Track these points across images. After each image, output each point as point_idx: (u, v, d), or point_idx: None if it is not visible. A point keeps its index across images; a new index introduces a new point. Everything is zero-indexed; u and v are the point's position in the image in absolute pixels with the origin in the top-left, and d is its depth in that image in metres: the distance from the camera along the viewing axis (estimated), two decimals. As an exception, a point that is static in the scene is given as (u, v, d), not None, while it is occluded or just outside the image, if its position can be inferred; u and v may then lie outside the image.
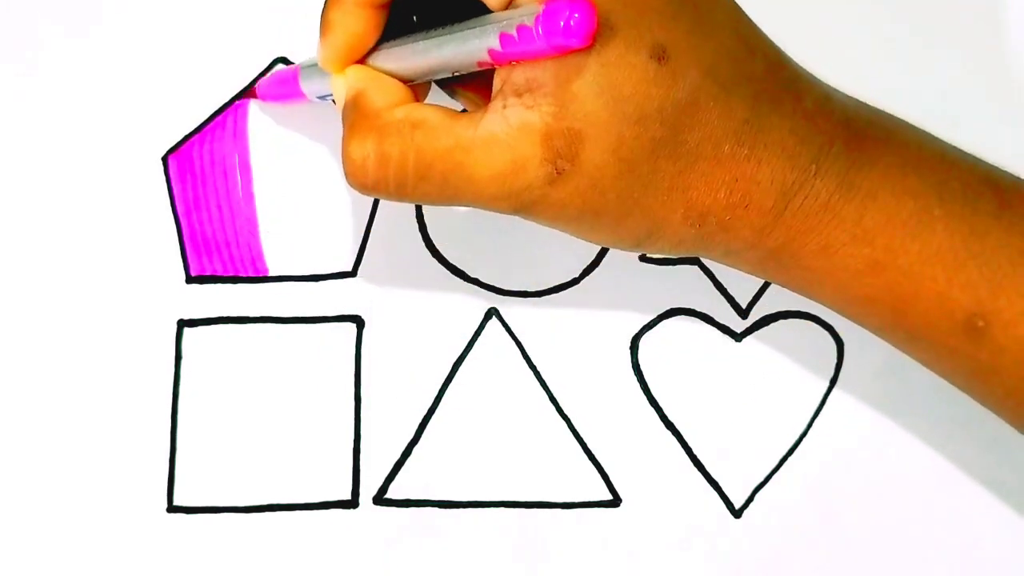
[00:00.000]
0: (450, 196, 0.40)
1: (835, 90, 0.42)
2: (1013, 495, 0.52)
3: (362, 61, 0.42)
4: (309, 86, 0.47)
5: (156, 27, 0.53)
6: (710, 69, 0.38)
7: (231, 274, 0.52)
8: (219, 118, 0.52)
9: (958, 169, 0.42)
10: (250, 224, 0.52)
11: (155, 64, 0.52)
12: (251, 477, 0.51)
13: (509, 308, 0.52)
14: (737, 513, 0.52)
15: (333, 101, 0.44)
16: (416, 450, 0.51)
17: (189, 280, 0.52)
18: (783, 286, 0.43)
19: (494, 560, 0.51)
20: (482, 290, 0.52)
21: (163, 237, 0.52)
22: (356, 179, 0.40)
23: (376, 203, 0.52)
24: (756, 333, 0.52)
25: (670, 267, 0.52)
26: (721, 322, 0.52)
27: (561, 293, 0.52)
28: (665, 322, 0.52)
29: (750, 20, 0.41)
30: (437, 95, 0.44)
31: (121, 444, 0.51)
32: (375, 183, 0.40)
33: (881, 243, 0.40)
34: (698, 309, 0.52)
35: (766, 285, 0.53)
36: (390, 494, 0.51)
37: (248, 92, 0.52)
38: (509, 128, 0.38)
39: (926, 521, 0.51)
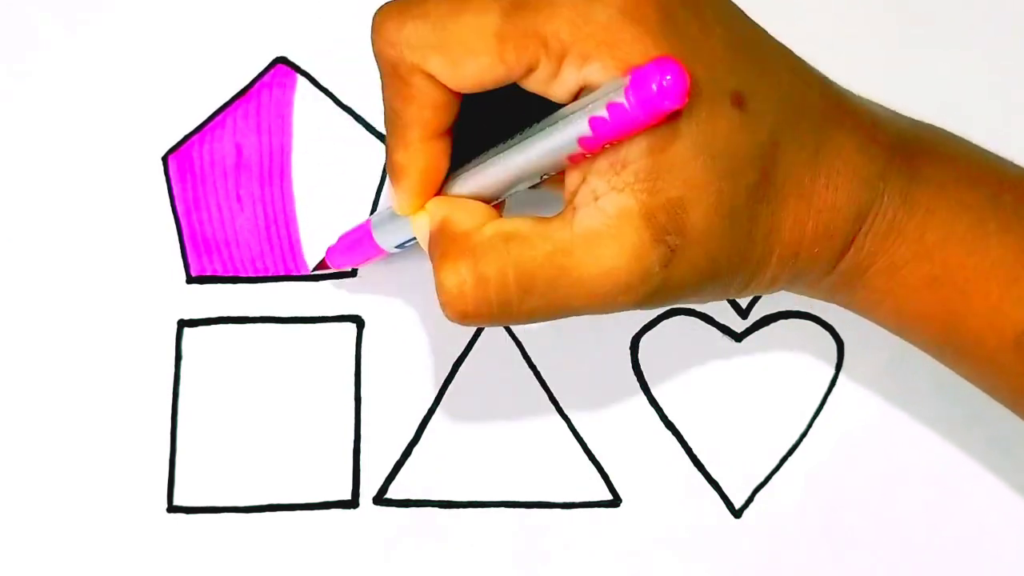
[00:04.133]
0: (561, 305, 0.38)
1: (877, 104, 0.42)
2: (1013, 495, 0.52)
3: (438, 194, 0.40)
4: (385, 238, 0.45)
5: (156, 27, 0.53)
6: (780, 106, 0.38)
7: (231, 274, 0.52)
8: (219, 118, 0.52)
9: (1009, 182, 0.42)
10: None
11: (155, 64, 0.52)
12: (251, 477, 0.51)
13: (509, 308, 0.52)
14: (737, 513, 0.52)
15: (418, 246, 0.42)
16: (416, 450, 0.51)
17: (189, 280, 0.52)
18: (846, 308, 0.44)
19: (494, 560, 0.51)
20: (482, 290, 0.52)
21: (163, 237, 0.52)
22: (455, 309, 0.38)
23: (376, 203, 0.52)
24: (756, 333, 0.52)
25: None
26: (721, 322, 0.52)
27: (561, 293, 0.52)
28: (665, 322, 0.52)
29: (795, 53, 0.41)
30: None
31: (121, 444, 0.51)
32: (476, 308, 0.37)
33: (939, 259, 0.40)
34: (698, 309, 0.52)
35: (766, 285, 0.53)
36: (390, 494, 0.51)
37: (320, 264, 0.51)
38: (607, 218, 0.36)
39: (927, 521, 0.51)
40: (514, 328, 0.52)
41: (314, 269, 0.51)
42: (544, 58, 0.36)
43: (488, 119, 0.39)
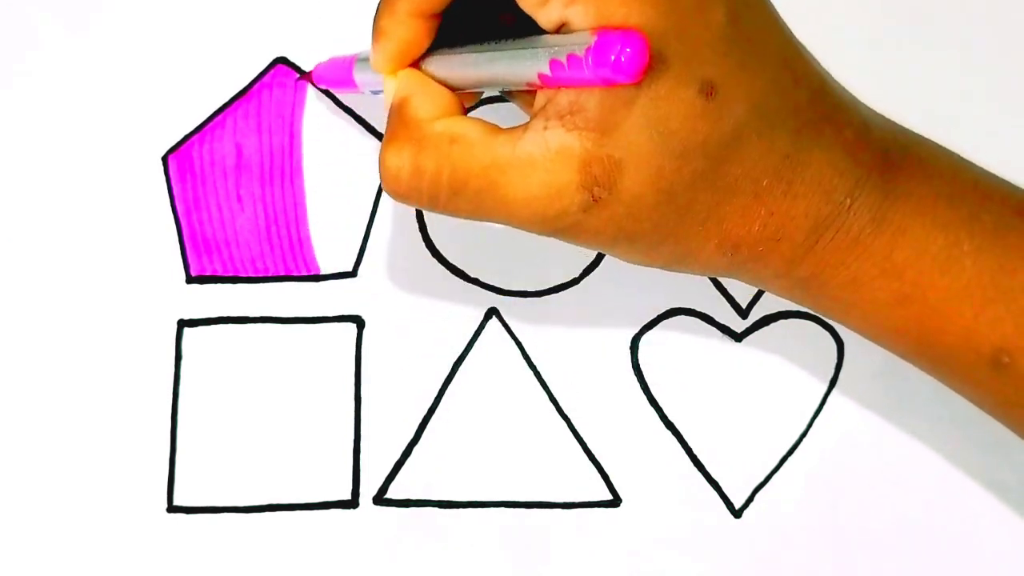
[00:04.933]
0: (482, 214, 0.39)
1: (873, 112, 0.42)
2: (1013, 496, 0.52)
3: (415, 65, 0.42)
4: (363, 79, 0.46)
5: (156, 27, 0.53)
6: (757, 104, 0.38)
7: (231, 274, 0.52)
8: (219, 118, 0.52)
9: (990, 200, 0.41)
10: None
11: (155, 64, 0.52)
12: (251, 477, 0.51)
13: (509, 308, 0.52)
14: (737, 513, 0.52)
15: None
16: (416, 450, 0.51)
17: (189, 280, 0.52)
18: (811, 310, 0.43)
19: (494, 560, 0.51)
20: (482, 290, 0.52)
21: (163, 237, 0.52)
22: (389, 186, 0.40)
23: (376, 203, 0.52)
24: (756, 333, 0.52)
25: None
26: (721, 322, 0.52)
27: (561, 293, 0.52)
28: (665, 322, 0.52)
29: (798, 45, 0.40)
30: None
31: (121, 444, 0.51)
32: (407, 192, 0.40)
33: (910, 277, 0.40)
34: (698, 309, 0.52)
35: (766, 285, 0.53)
36: (390, 494, 0.51)
37: (304, 75, 0.52)
38: (547, 151, 0.38)
39: (926, 521, 0.51)
40: (514, 328, 0.52)
41: (298, 79, 0.52)
42: None
43: (483, 15, 0.41)
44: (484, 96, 0.46)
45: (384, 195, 0.52)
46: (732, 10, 0.38)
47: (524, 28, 0.38)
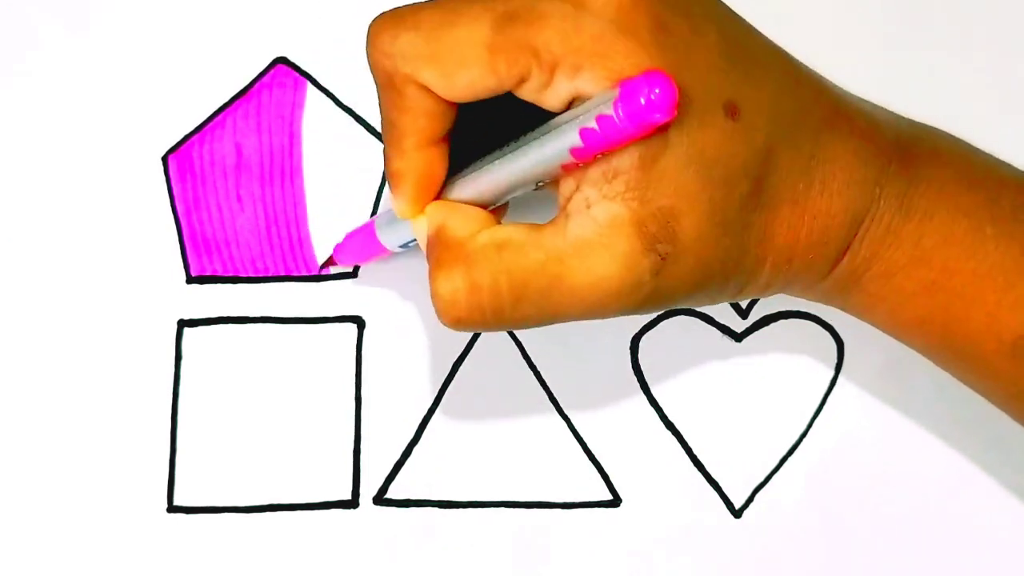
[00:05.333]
0: (554, 312, 0.38)
1: (876, 106, 0.42)
2: (1014, 495, 0.52)
3: (438, 198, 0.41)
4: (388, 238, 0.45)
5: (156, 27, 0.53)
6: (775, 112, 0.38)
7: (231, 274, 0.52)
8: (219, 118, 0.52)
9: (1006, 186, 0.42)
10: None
11: (155, 64, 0.52)
12: (251, 477, 0.51)
13: (509, 308, 0.52)
14: (737, 513, 0.52)
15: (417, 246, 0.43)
16: (416, 450, 0.51)
17: (189, 280, 0.52)
18: (839, 309, 0.44)
19: (494, 560, 0.51)
20: (482, 290, 0.52)
21: (163, 237, 0.52)
22: (449, 315, 0.38)
23: (377, 203, 0.52)
24: (756, 333, 0.52)
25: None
26: (721, 322, 0.52)
27: (561, 293, 0.52)
28: (665, 322, 0.52)
29: (788, 53, 0.40)
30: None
31: (121, 444, 0.51)
32: (470, 315, 0.38)
33: (938, 263, 0.40)
34: (698, 309, 0.52)
35: (766, 285, 0.53)
36: (390, 494, 0.51)
37: (327, 262, 0.51)
38: (599, 227, 0.36)
39: (926, 521, 0.51)
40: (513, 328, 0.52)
41: (322, 266, 0.51)
42: (536, 69, 0.36)
43: (487, 124, 0.39)
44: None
45: (384, 195, 0.52)
46: (721, 29, 0.38)
47: (532, 122, 0.38)
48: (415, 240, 0.43)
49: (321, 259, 0.52)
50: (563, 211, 0.37)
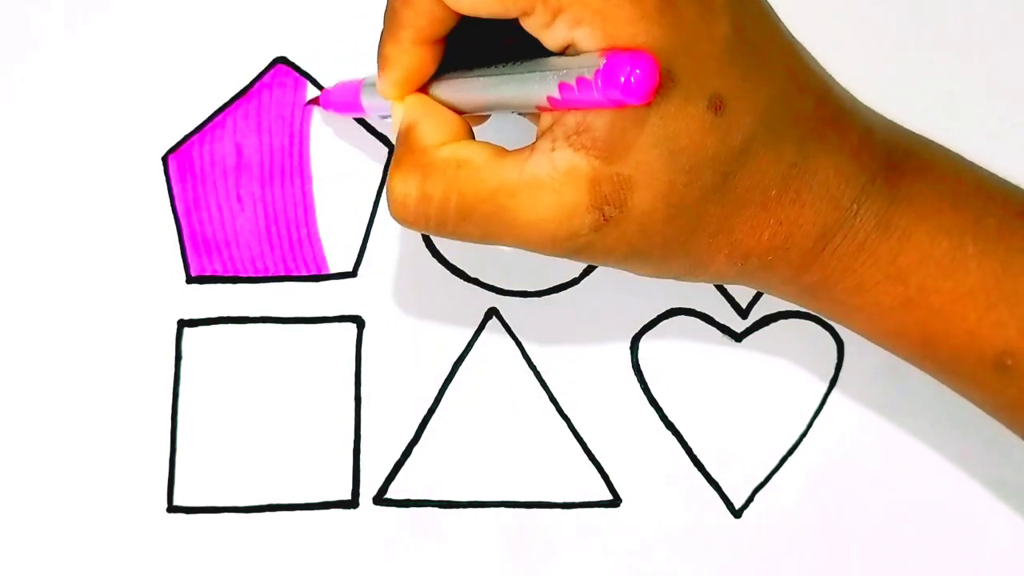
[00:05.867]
0: (492, 238, 0.39)
1: (877, 115, 0.42)
2: (1013, 495, 0.52)
3: (423, 89, 0.41)
4: (370, 103, 0.46)
5: (156, 27, 0.52)
6: (763, 115, 0.38)
7: (231, 274, 0.52)
8: (219, 118, 0.52)
9: (994, 203, 0.41)
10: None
11: (155, 64, 0.52)
12: (251, 477, 0.51)
13: (509, 308, 0.52)
14: (737, 513, 0.52)
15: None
16: (416, 450, 0.51)
17: (189, 280, 0.52)
18: (816, 313, 0.44)
19: (494, 560, 0.51)
20: (482, 290, 0.52)
21: (163, 237, 0.52)
22: (397, 213, 0.40)
23: (376, 203, 0.52)
24: (756, 333, 0.52)
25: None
26: (721, 322, 0.52)
27: (561, 293, 0.52)
28: (665, 322, 0.52)
29: (801, 50, 0.40)
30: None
31: (121, 444, 0.51)
32: (415, 219, 0.39)
33: (914, 282, 0.40)
34: (698, 309, 0.52)
35: (766, 285, 0.53)
36: (390, 494, 0.51)
37: (313, 100, 0.51)
38: (555, 172, 0.37)
39: (926, 521, 0.51)
40: (514, 328, 0.52)
41: (307, 103, 0.52)
42: (540, 7, 0.37)
43: (488, 36, 0.40)
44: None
45: (385, 194, 0.52)
46: (736, 20, 0.37)
47: (529, 50, 0.38)
48: (390, 116, 0.44)
49: (330, 258, 0.52)
50: (532, 145, 0.38)
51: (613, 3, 0.36)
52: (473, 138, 0.41)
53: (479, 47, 0.40)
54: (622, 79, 0.34)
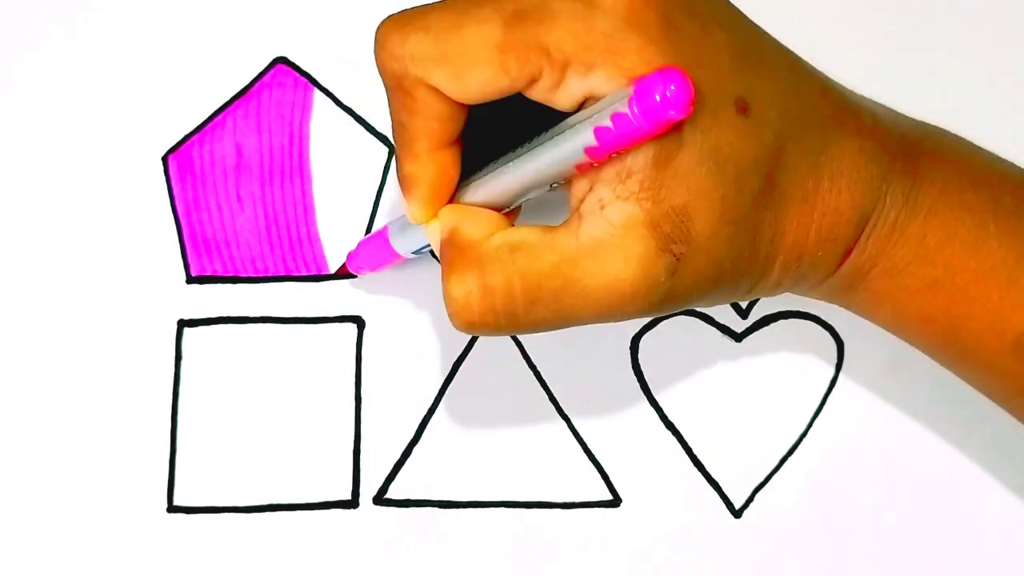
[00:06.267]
0: (567, 315, 0.38)
1: (879, 105, 0.42)
2: (1014, 495, 0.52)
3: (451, 201, 0.41)
4: (402, 244, 0.45)
5: (156, 27, 0.53)
6: (784, 110, 0.38)
7: (231, 274, 0.52)
8: (219, 118, 0.52)
9: (1009, 183, 0.42)
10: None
11: (155, 64, 0.52)
12: (251, 477, 0.51)
13: (509, 308, 0.52)
14: (737, 513, 0.52)
15: (432, 253, 0.42)
16: (416, 450, 0.51)
17: (189, 280, 0.52)
18: (843, 307, 0.44)
19: (494, 560, 0.51)
20: (482, 290, 0.52)
21: (163, 237, 0.52)
22: (461, 318, 0.38)
23: (376, 203, 0.52)
24: (756, 333, 0.52)
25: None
26: (721, 322, 0.52)
27: (561, 293, 0.52)
28: (665, 322, 0.52)
29: (794, 53, 0.40)
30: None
31: (121, 444, 0.51)
32: (482, 318, 0.38)
33: (941, 261, 0.40)
34: (698, 309, 0.52)
35: (766, 285, 0.53)
36: (390, 494, 0.51)
37: (341, 268, 0.51)
38: (612, 228, 0.36)
39: (926, 521, 0.51)
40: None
41: (335, 274, 0.51)
42: (547, 68, 0.36)
43: (499, 125, 0.39)
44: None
45: (384, 194, 0.52)
46: (730, 28, 0.38)
47: (544, 122, 0.37)
48: (428, 246, 0.43)
49: (330, 258, 0.52)
50: (576, 213, 0.37)
51: (618, 38, 0.36)
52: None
53: (494, 142, 0.39)
54: (657, 97, 0.34)
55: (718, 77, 0.37)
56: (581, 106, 0.37)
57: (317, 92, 0.52)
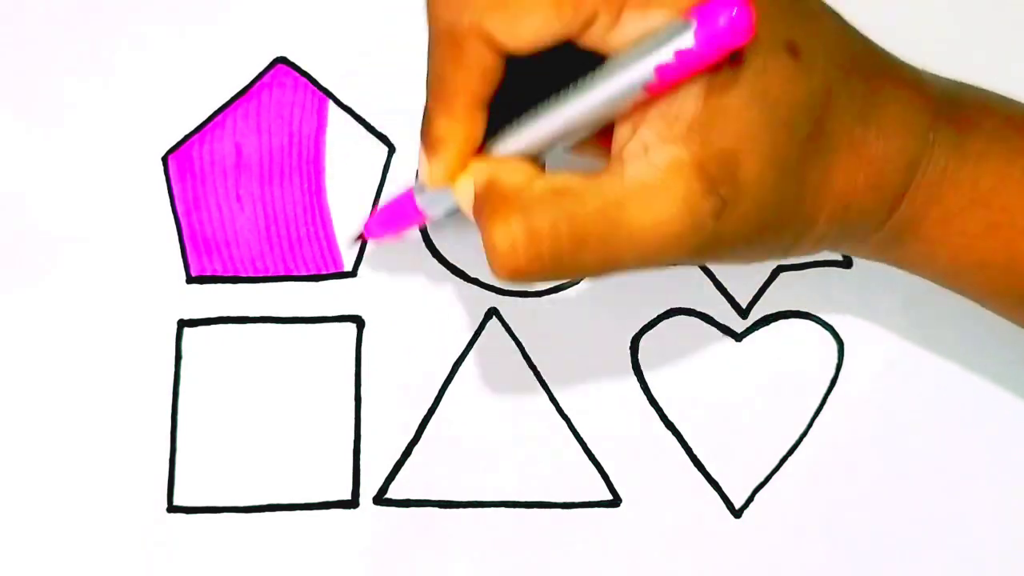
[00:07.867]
0: (614, 259, 0.37)
1: (915, 67, 0.42)
2: (1013, 495, 0.52)
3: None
4: (431, 205, 0.43)
5: (156, 27, 0.53)
6: (831, 55, 0.38)
7: (231, 274, 0.52)
8: (219, 118, 0.52)
9: None
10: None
11: (155, 64, 0.52)
12: (251, 477, 0.51)
13: (509, 308, 0.52)
14: (737, 513, 0.52)
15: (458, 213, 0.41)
16: (416, 450, 0.51)
17: (189, 280, 0.52)
18: (895, 265, 0.43)
19: (494, 560, 0.51)
20: (482, 290, 0.52)
21: (163, 237, 0.52)
22: (506, 267, 0.37)
23: (376, 202, 0.52)
24: (756, 333, 0.52)
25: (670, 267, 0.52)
26: (721, 322, 0.52)
27: (561, 293, 0.52)
28: (665, 322, 0.52)
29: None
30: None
31: (121, 444, 0.51)
32: (528, 264, 0.36)
33: (997, 203, 0.40)
34: (698, 309, 0.52)
35: (766, 285, 0.53)
36: (390, 494, 0.51)
37: (359, 237, 0.49)
38: (658, 170, 0.36)
39: (926, 521, 0.51)
40: (514, 328, 0.52)
41: (355, 239, 0.51)
42: (603, 10, 0.36)
43: (517, 90, 0.38)
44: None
45: (385, 193, 0.52)
46: None
47: (571, 73, 0.37)
48: (455, 209, 0.41)
49: (331, 257, 0.52)
50: (618, 158, 0.37)
51: None
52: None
53: (517, 99, 0.38)
54: (722, 20, 0.33)
55: (770, 19, 0.36)
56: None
57: (317, 92, 0.52)
